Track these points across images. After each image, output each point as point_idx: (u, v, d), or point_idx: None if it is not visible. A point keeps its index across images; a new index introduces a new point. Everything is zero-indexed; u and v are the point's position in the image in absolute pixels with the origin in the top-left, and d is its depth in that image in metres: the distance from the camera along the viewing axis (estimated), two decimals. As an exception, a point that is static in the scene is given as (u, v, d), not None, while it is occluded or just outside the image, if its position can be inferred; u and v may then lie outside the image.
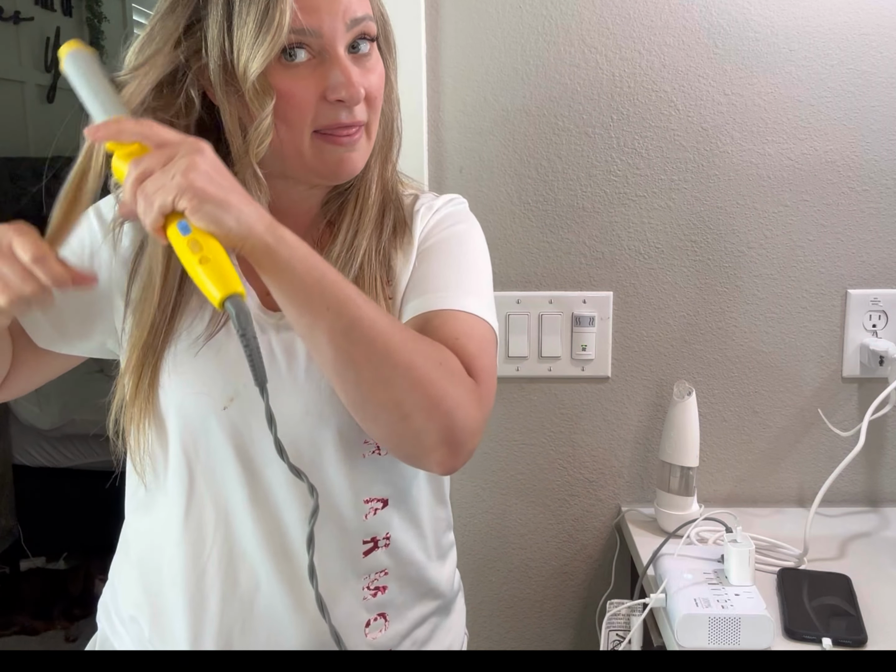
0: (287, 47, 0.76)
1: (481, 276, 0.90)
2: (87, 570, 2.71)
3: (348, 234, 0.86)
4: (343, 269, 0.83)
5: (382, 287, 0.86)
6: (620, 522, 1.37)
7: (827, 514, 1.32)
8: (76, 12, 3.97)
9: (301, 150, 0.80)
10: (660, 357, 1.35)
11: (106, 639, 0.95)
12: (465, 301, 0.84)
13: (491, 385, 0.83)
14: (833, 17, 1.26)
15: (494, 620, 1.44)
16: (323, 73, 0.78)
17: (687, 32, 1.27)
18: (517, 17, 1.27)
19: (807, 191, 1.30)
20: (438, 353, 0.77)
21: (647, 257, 1.33)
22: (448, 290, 0.84)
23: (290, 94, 0.77)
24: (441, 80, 1.29)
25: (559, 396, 1.37)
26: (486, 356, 0.83)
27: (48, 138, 3.46)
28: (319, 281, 0.70)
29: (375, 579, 0.89)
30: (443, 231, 0.90)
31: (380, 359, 0.73)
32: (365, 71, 0.80)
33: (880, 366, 1.30)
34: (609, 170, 1.31)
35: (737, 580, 1.03)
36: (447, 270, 0.87)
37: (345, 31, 0.78)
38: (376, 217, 0.88)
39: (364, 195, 0.88)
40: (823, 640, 0.99)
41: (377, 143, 0.87)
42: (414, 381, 0.73)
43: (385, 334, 0.73)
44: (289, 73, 0.77)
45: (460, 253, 0.90)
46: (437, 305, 0.83)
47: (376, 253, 0.86)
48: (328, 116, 0.79)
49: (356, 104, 0.79)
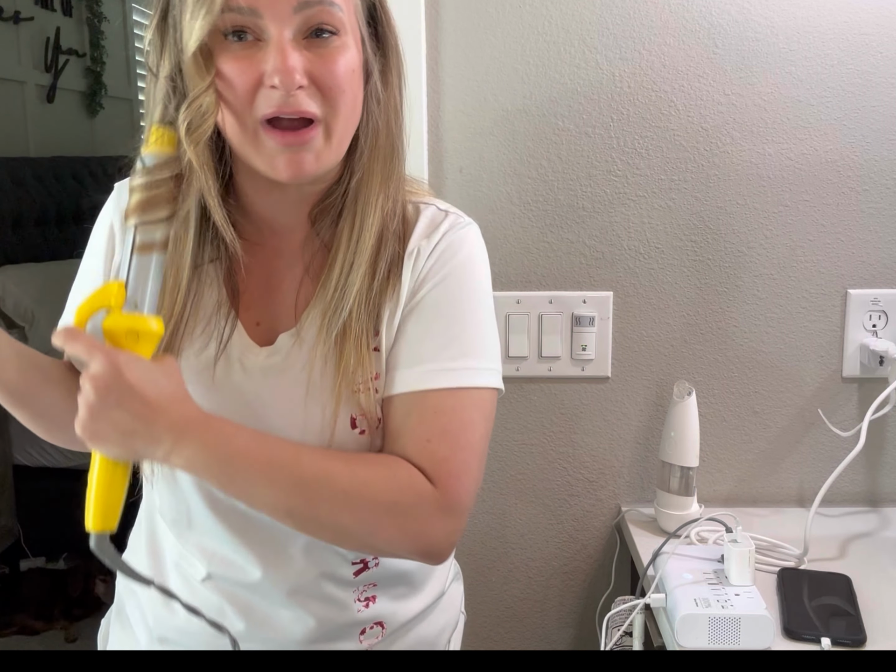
0: (232, 28, 0.73)
1: (479, 329, 0.84)
2: (87, 570, 2.71)
3: (344, 267, 0.80)
4: (333, 316, 0.80)
5: (368, 340, 0.81)
6: (620, 522, 1.37)
7: (827, 514, 1.32)
8: (76, 12, 3.97)
9: (244, 140, 0.76)
10: (660, 357, 1.35)
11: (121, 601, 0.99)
12: (454, 374, 0.81)
13: (465, 482, 0.79)
14: (833, 17, 1.26)
15: (495, 620, 1.44)
16: (263, 56, 0.73)
17: (687, 32, 1.27)
18: (517, 17, 1.27)
19: (807, 191, 1.30)
20: (392, 489, 0.77)
21: (647, 257, 1.33)
22: (436, 361, 0.81)
23: (228, 77, 0.74)
24: (441, 80, 1.29)
25: (559, 396, 1.37)
26: (463, 450, 0.80)
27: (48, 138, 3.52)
28: (251, 465, 0.74)
29: (365, 590, 0.89)
30: (436, 279, 0.83)
31: (330, 516, 0.76)
32: (318, 58, 0.74)
33: (880, 366, 1.30)
34: (609, 170, 1.31)
35: (737, 580, 1.03)
36: (437, 335, 0.82)
37: (290, 13, 0.72)
38: (372, 252, 0.81)
39: (360, 220, 0.81)
40: (823, 639, 0.99)
41: (370, 158, 0.81)
42: (370, 530, 0.77)
43: (333, 491, 0.75)
44: (231, 55, 0.74)
45: (454, 308, 0.83)
46: (422, 385, 0.80)
47: (366, 302, 0.81)
48: (267, 103, 0.74)
49: (290, 90, 0.72)
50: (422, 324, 0.82)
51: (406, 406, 0.81)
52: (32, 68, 3.62)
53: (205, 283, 0.84)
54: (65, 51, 3.81)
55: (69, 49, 3.86)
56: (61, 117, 3.82)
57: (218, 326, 0.83)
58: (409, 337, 0.82)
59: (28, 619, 2.60)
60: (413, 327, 0.82)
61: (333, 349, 0.81)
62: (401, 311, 0.83)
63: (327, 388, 0.81)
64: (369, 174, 0.81)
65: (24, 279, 3.05)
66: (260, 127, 0.75)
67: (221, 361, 0.83)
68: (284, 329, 0.84)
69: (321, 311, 0.82)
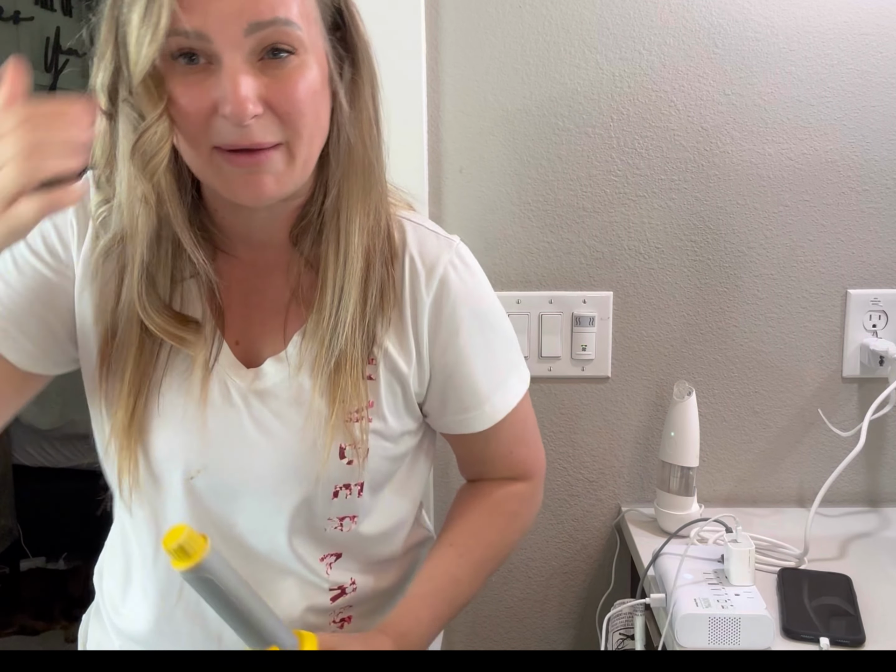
0: (178, 52, 0.68)
1: (508, 340, 0.91)
2: (87, 570, 2.70)
3: (335, 291, 0.78)
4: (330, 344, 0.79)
5: (362, 369, 0.80)
6: (620, 522, 1.37)
7: (827, 514, 1.32)
8: (76, 12, 3.97)
9: (201, 168, 0.73)
10: (660, 357, 1.35)
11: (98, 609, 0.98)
12: (507, 395, 0.90)
13: (541, 462, 0.98)
14: (833, 17, 1.26)
15: (495, 620, 1.44)
16: (215, 81, 0.68)
17: (687, 32, 1.27)
18: (517, 17, 1.27)
19: (807, 191, 1.30)
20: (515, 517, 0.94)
21: (647, 257, 1.33)
22: (497, 391, 0.88)
23: (180, 104, 0.70)
24: (441, 80, 1.29)
25: (559, 396, 1.37)
26: (533, 443, 0.96)
27: (48, 138, 3.37)
28: (444, 616, 0.87)
29: (340, 612, 0.88)
30: (458, 313, 0.84)
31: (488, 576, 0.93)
32: (274, 82, 0.70)
33: (880, 366, 1.30)
34: (609, 170, 1.31)
35: (737, 580, 1.03)
36: (488, 369, 0.88)
37: (241, 35, 0.67)
38: (361, 274, 0.79)
39: (345, 240, 0.78)
40: (821, 639, 0.99)
41: (347, 174, 0.77)
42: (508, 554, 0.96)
43: (493, 566, 0.93)
44: (183, 80, 0.69)
45: (484, 337, 0.87)
46: (487, 423, 0.89)
47: (360, 330, 0.80)
48: (221, 134, 0.70)
49: (242, 121, 0.68)
50: (469, 365, 0.86)
51: (484, 438, 0.90)
52: (32, 68, 3.60)
53: (186, 301, 0.81)
54: (65, 51, 3.81)
55: (69, 49, 3.86)
56: (61, 117, 3.81)
57: (206, 347, 0.80)
58: (463, 382, 0.86)
59: (28, 619, 2.60)
60: (463, 369, 0.86)
61: (329, 379, 0.79)
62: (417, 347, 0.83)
63: (322, 418, 0.80)
64: (347, 191, 0.78)
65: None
66: (215, 152, 0.71)
67: (210, 384, 0.80)
68: (269, 350, 0.82)
69: (318, 340, 0.79)
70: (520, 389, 0.91)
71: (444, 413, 0.88)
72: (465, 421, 0.88)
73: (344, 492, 0.82)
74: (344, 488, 0.82)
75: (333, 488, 0.82)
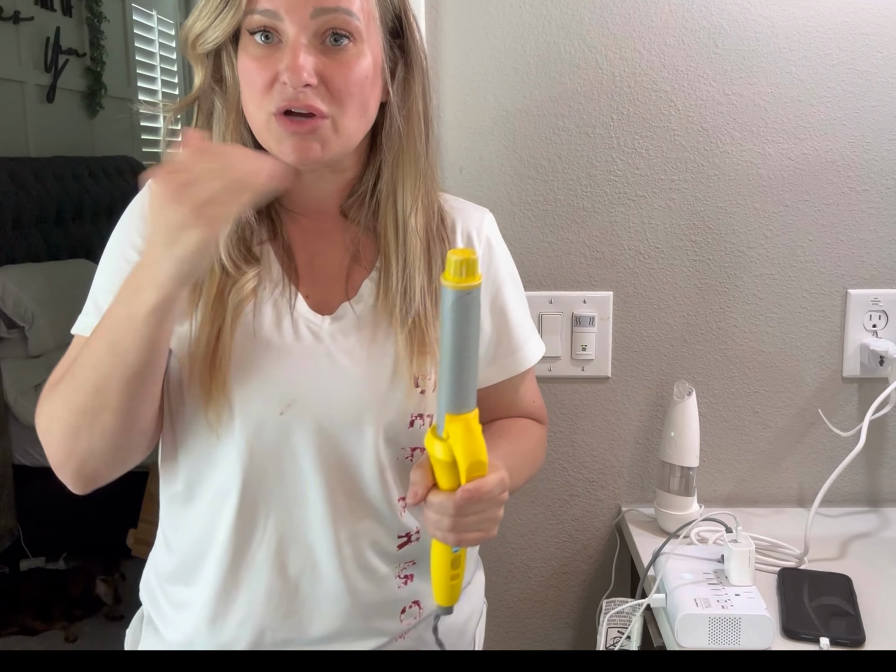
0: (257, 28, 0.81)
1: (526, 304, 1.04)
2: (87, 570, 2.71)
3: (398, 260, 0.89)
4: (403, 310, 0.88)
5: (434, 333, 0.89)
6: (620, 522, 1.37)
7: (827, 514, 1.32)
8: (76, 12, 3.97)
9: (261, 130, 0.84)
10: (660, 357, 1.35)
11: (149, 616, 0.98)
12: (534, 349, 1.02)
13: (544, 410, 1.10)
14: (833, 17, 1.26)
15: (495, 620, 1.44)
16: (280, 56, 0.81)
17: (687, 32, 1.27)
18: (517, 17, 1.27)
19: (807, 191, 1.30)
20: (540, 445, 1.08)
21: (647, 257, 1.33)
22: (527, 343, 1.01)
23: (247, 73, 0.83)
24: (441, 80, 1.29)
25: (559, 396, 1.37)
26: (541, 395, 1.09)
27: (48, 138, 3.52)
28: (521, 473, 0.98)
29: (405, 567, 0.92)
30: (502, 269, 0.99)
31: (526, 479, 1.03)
32: (332, 62, 0.82)
33: (880, 366, 1.30)
34: (609, 170, 1.31)
35: (737, 580, 1.03)
36: (519, 321, 1.00)
37: (308, 17, 0.80)
38: (422, 247, 0.90)
39: (402, 220, 0.89)
40: (821, 639, 0.99)
41: (397, 161, 0.89)
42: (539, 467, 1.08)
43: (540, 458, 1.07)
44: (255, 54, 0.82)
45: (519, 293, 1.02)
46: (519, 369, 1.01)
47: (429, 294, 0.90)
48: (280, 97, 0.81)
49: (297, 86, 0.80)
50: (512, 312, 0.99)
51: (514, 386, 1.02)
52: (32, 68, 3.62)
53: (265, 263, 0.90)
54: (65, 51, 3.81)
55: (69, 49, 3.86)
56: (61, 117, 3.82)
57: (284, 297, 0.89)
58: (508, 327, 0.99)
59: (28, 619, 2.60)
60: (508, 315, 0.99)
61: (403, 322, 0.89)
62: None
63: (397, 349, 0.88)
64: (400, 176, 0.89)
65: (23, 279, 3.05)
66: (272, 116, 0.82)
67: (292, 328, 0.88)
68: (337, 301, 0.90)
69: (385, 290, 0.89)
70: (540, 345, 1.04)
71: (495, 358, 0.99)
72: (507, 365, 1.00)
73: (418, 421, 0.89)
74: (418, 418, 0.89)
75: (409, 417, 0.88)
